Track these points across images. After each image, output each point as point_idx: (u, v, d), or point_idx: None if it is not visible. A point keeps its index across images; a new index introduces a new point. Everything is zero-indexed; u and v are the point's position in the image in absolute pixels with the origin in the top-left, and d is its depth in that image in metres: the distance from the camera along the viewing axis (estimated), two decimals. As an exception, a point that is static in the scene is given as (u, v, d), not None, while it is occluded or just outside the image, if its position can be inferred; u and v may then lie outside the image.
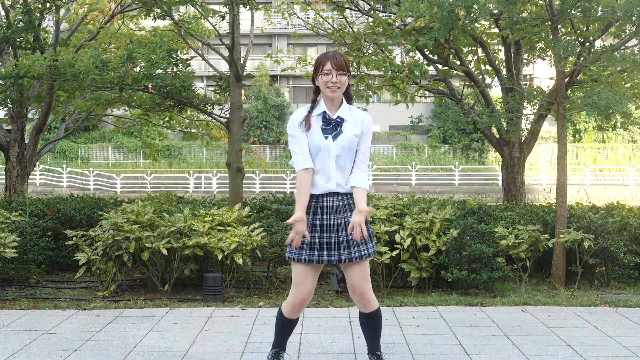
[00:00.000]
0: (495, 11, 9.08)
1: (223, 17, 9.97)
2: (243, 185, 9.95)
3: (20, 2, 11.55)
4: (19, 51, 11.53)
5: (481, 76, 11.13)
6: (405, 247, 6.76)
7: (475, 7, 7.76)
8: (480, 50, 11.01)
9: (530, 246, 6.99)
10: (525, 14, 8.89)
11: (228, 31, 9.75)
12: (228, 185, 9.81)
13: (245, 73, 10.01)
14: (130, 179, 37.23)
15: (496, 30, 10.71)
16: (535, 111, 10.11)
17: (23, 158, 12.48)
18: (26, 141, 12.74)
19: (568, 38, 7.92)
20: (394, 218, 7.12)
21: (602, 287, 7.31)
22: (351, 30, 11.28)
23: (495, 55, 11.37)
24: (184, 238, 6.77)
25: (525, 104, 9.79)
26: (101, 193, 20.83)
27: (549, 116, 10.24)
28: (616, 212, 8.04)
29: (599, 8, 7.91)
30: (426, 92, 11.33)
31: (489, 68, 11.22)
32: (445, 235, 6.87)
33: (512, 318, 5.68)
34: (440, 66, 10.99)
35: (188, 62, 10.31)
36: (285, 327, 4.09)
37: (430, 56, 10.80)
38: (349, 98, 4.02)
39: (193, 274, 7.03)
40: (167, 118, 12.45)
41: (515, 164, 10.51)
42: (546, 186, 30.24)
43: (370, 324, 4.05)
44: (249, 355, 4.61)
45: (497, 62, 11.25)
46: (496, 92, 17.71)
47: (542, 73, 27.53)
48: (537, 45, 10.06)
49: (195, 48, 11.20)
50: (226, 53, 9.91)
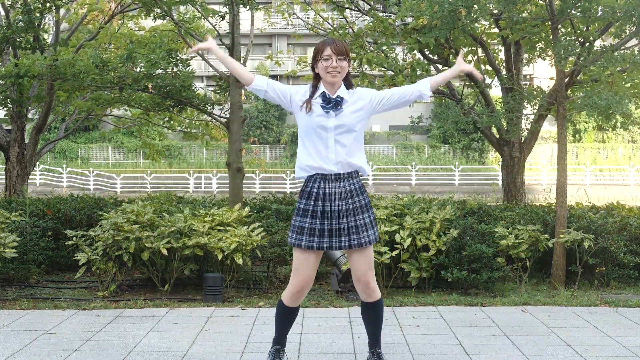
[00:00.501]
0: (495, 11, 9.08)
1: (223, 17, 9.98)
2: (243, 185, 9.95)
3: (20, 2, 11.55)
4: (19, 51, 11.53)
5: (481, 76, 11.11)
6: (405, 247, 6.76)
7: (475, 7, 7.75)
8: (480, 50, 11.01)
9: (530, 246, 6.99)
10: (525, 14, 8.88)
11: (228, 31, 9.76)
12: (228, 185, 9.81)
13: (245, 73, 9.99)
14: (130, 179, 37.20)
15: (496, 30, 10.70)
16: (535, 111, 10.11)
17: (23, 158, 12.49)
18: (26, 141, 12.75)
19: (568, 38, 7.92)
20: (394, 218, 7.12)
21: (602, 287, 7.31)
22: (351, 30, 11.28)
23: (495, 55, 11.36)
24: (184, 238, 6.77)
25: (525, 104, 9.79)
26: (101, 193, 20.84)
27: (549, 116, 10.24)
28: (616, 212, 8.04)
29: (599, 8, 7.90)
30: (426, 92, 11.31)
31: (489, 68, 11.21)
32: (445, 235, 6.86)
33: (512, 318, 5.68)
34: (440, 66, 10.99)
35: (188, 62, 10.31)
36: (285, 317, 4.09)
37: (430, 56, 10.80)
38: (349, 84, 4.02)
39: (193, 274, 7.03)
40: (167, 118, 12.45)
41: (515, 164, 10.52)
42: (546, 186, 30.23)
43: (372, 314, 4.07)
44: (249, 355, 4.61)
45: (497, 62, 11.25)
46: (496, 92, 17.72)
47: (542, 73, 27.55)
48: (537, 45, 10.05)
49: (195, 48, 11.19)
50: (226, 53, 9.91)
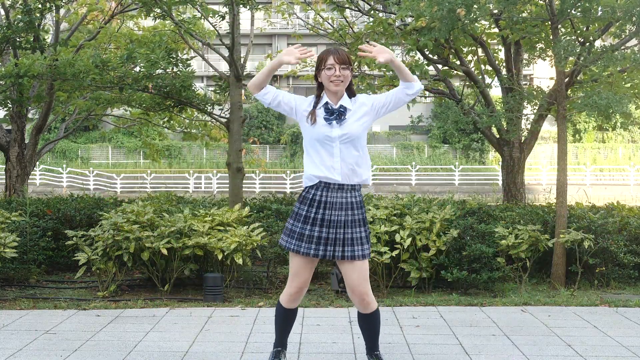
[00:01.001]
0: (495, 11, 9.07)
1: (223, 17, 9.97)
2: (243, 185, 9.96)
3: (20, 2, 11.55)
4: (19, 51, 11.53)
5: (481, 76, 11.12)
6: (405, 247, 6.76)
7: (475, 7, 7.75)
8: (480, 50, 11.01)
9: (530, 246, 6.99)
10: (525, 14, 8.88)
11: (228, 31, 9.76)
12: (228, 185, 9.81)
13: (245, 73, 10.01)
14: (130, 179, 37.20)
15: (496, 30, 10.70)
16: (535, 111, 10.10)
17: (23, 158, 12.48)
18: (26, 141, 12.74)
19: (568, 38, 7.91)
20: (394, 218, 7.12)
21: (602, 287, 7.31)
22: (351, 30, 11.28)
23: (495, 55, 11.36)
24: (184, 238, 6.77)
25: (525, 104, 9.79)
26: (101, 193, 20.85)
27: (549, 116, 10.24)
28: (616, 212, 8.03)
29: (599, 8, 7.90)
30: (426, 92, 11.33)
31: (489, 68, 11.22)
32: (445, 235, 6.86)
33: (512, 318, 5.68)
34: (440, 66, 10.99)
35: (188, 62, 10.31)
36: (284, 319, 4.09)
37: (430, 56, 10.80)
38: (352, 93, 4.03)
39: (193, 274, 7.03)
40: (167, 118, 12.45)
41: (515, 164, 10.51)
42: (546, 186, 30.22)
43: (369, 325, 4.04)
44: (249, 355, 4.61)
45: (497, 62, 11.24)
46: (496, 92, 17.71)
47: (542, 73, 27.53)
48: (537, 45, 10.06)
49: (195, 48, 11.20)
50: (226, 53, 9.91)
